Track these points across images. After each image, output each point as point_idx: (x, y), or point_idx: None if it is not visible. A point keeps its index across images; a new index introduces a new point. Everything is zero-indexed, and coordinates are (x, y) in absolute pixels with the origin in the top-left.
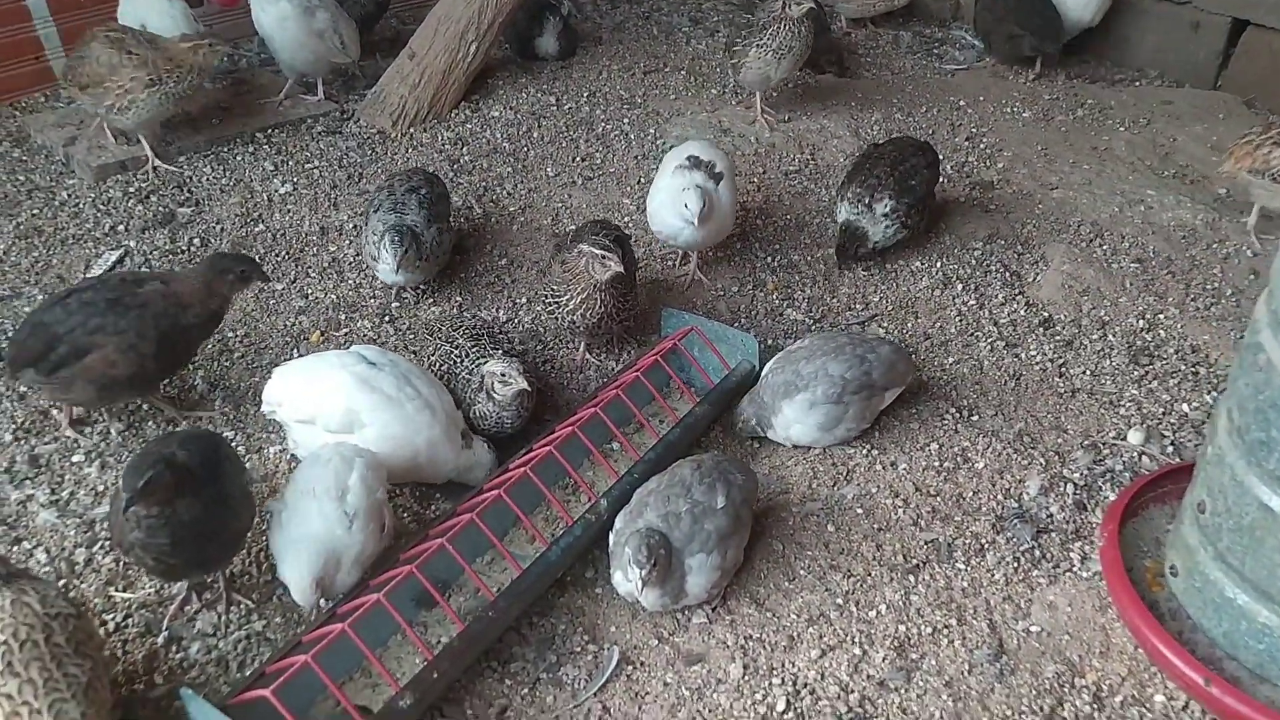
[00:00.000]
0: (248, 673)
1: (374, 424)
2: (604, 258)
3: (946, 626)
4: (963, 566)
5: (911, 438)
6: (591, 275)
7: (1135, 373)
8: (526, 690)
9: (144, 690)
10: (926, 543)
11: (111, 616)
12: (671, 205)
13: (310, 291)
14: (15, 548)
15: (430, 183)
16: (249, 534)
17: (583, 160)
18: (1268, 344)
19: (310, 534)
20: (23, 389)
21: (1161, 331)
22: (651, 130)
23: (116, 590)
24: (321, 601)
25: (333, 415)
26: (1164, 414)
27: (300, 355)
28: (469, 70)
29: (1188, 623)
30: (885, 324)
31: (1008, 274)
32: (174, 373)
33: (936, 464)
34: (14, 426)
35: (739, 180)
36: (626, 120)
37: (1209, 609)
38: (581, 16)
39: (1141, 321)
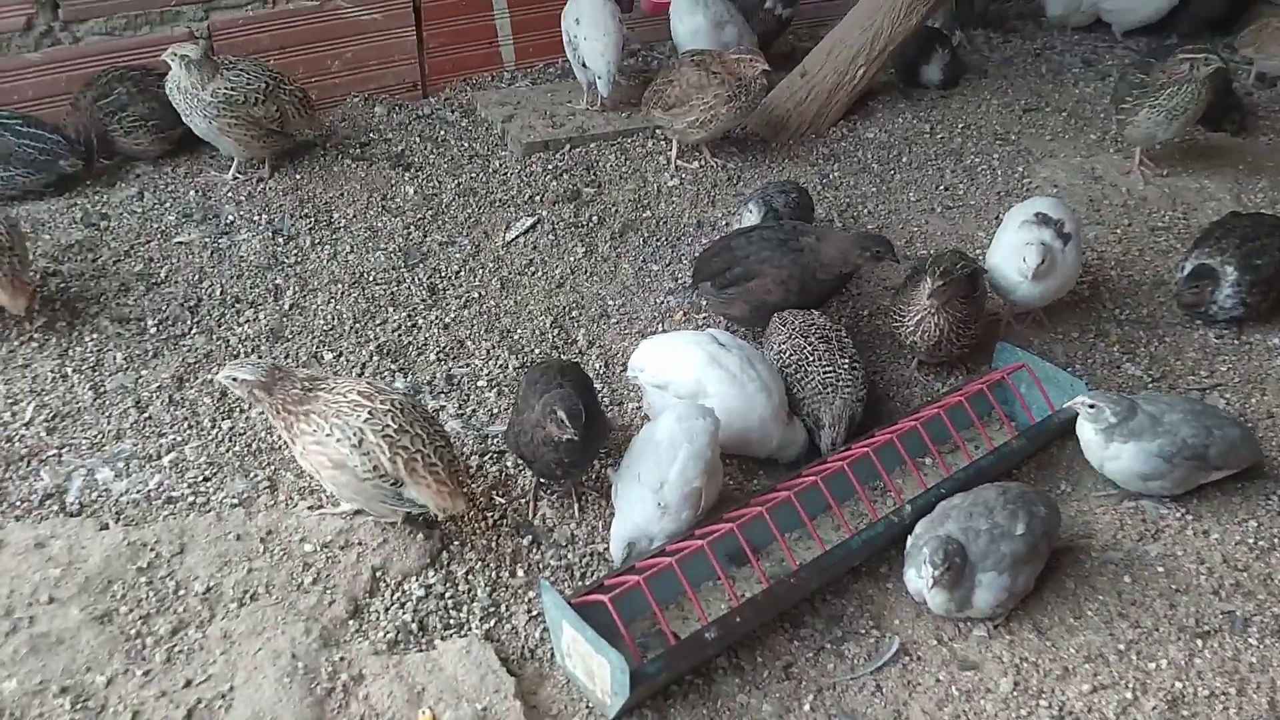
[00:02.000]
0: (588, 582)
1: (717, 396)
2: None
3: (1225, 694)
4: (1255, 642)
5: (1231, 510)
6: (922, 300)
7: None
8: (811, 654)
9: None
10: (1223, 612)
11: (491, 515)
12: (1012, 259)
13: (680, 276)
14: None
15: (799, 191)
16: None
17: (945, 189)
18: None
19: (627, 514)
20: (447, 321)
21: None
22: (1020, 168)
23: (498, 494)
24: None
25: (684, 384)
26: None
27: (665, 330)
28: (853, 92)
29: None
30: (1228, 395)
31: None
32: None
33: (1251, 540)
34: (438, 349)
35: (1100, 229)
36: (995, 155)
37: None
38: (971, 49)
39: None
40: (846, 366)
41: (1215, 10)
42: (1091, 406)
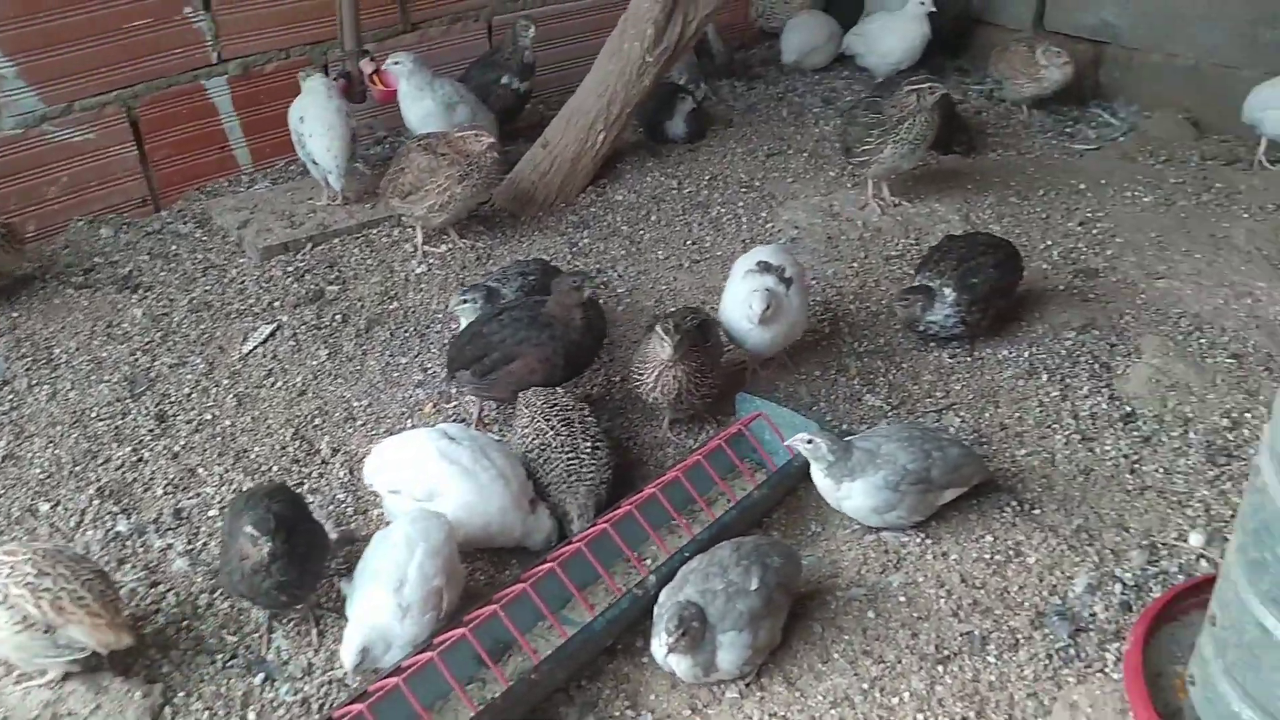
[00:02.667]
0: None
1: (451, 493)
2: (662, 339)
3: (965, 718)
4: (994, 660)
5: (968, 528)
6: (658, 354)
7: (1210, 473)
8: None
9: None
10: (962, 634)
11: (220, 656)
12: (739, 308)
13: (430, 366)
14: (151, 590)
15: (541, 269)
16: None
17: (693, 243)
18: (1265, 467)
19: (363, 617)
20: (176, 450)
21: (1245, 430)
22: (764, 214)
23: (228, 633)
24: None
25: (417, 485)
26: (1232, 516)
27: (413, 426)
28: (597, 158)
29: None
30: (963, 414)
31: (1096, 365)
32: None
33: (988, 556)
34: (166, 482)
35: (839, 265)
36: (740, 204)
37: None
38: (716, 99)
39: (1226, 420)
40: (589, 450)
41: (943, 35)
42: (809, 442)
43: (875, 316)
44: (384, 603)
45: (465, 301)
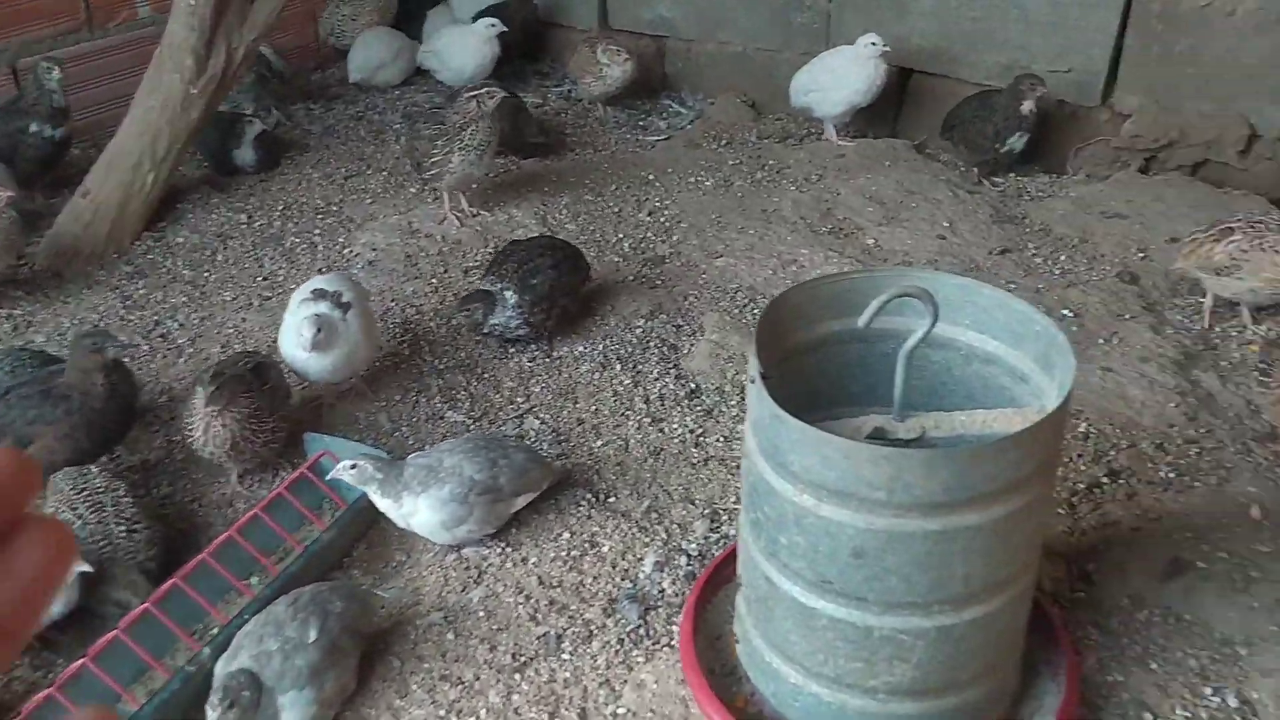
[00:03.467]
0: None
1: None
2: (198, 389)
3: None
4: (568, 657)
5: (547, 529)
6: (197, 405)
7: None
8: None
9: None
10: (538, 637)
11: None
12: (293, 338)
13: None
14: None
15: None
16: None
17: (264, 279)
18: (748, 435)
19: None
20: None
21: None
22: (341, 239)
23: None
24: None
25: None
26: None
27: None
28: (148, 200)
29: (750, 685)
30: (543, 415)
31: (665, 348)
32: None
33: (565, 554)
34: None
35: (418, 283)
36: (317, 231)
37: (758, 672)
38: (291, 124)
39: None
40: (124, 534)
41: (515, 42)
42: (353, 467)
43: (456, 331)
44: None
45: None
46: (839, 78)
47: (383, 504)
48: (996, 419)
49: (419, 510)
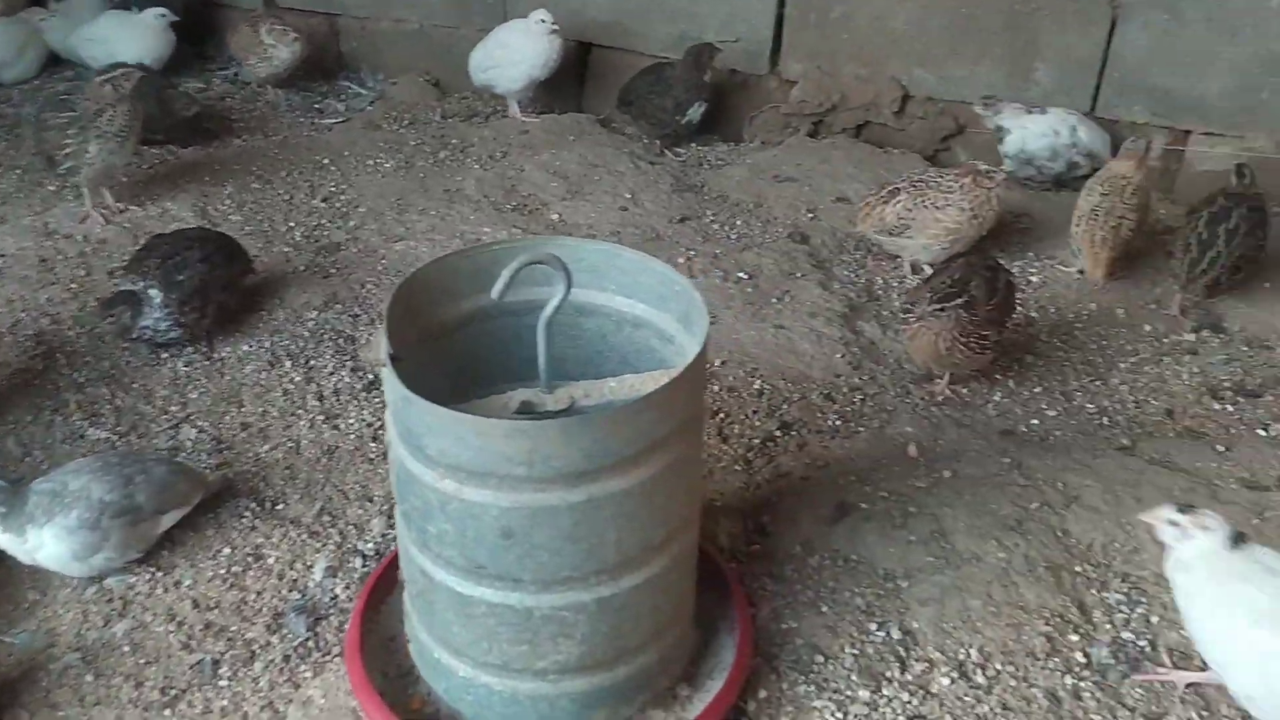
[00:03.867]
0: None
1: None
2: None
3: None
4: (226, 683)
5: (205, 546)
6: None
7: None
8: None
9: None
10: (190, 666)
11: None
12: None
13: None
14: None
15: None
16: None
17: None
18: (389, 425)
19: None
20: None
21: None
22: None
23: None
24: None
25: None
26: None
27: None
28: None
29: (425, 685)
30: (201, 423)
31: (340, 340)
32: None
33: (224, 571)
34: None
35: (54, 290)
36: None
37: (430, 670)
38: None
39: None
40: None
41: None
42: None
43: (99, 339)
44: None
45: None
46: (514, 53)
47: (2, 540)
48: (644, 381)
49: (45, 543)
